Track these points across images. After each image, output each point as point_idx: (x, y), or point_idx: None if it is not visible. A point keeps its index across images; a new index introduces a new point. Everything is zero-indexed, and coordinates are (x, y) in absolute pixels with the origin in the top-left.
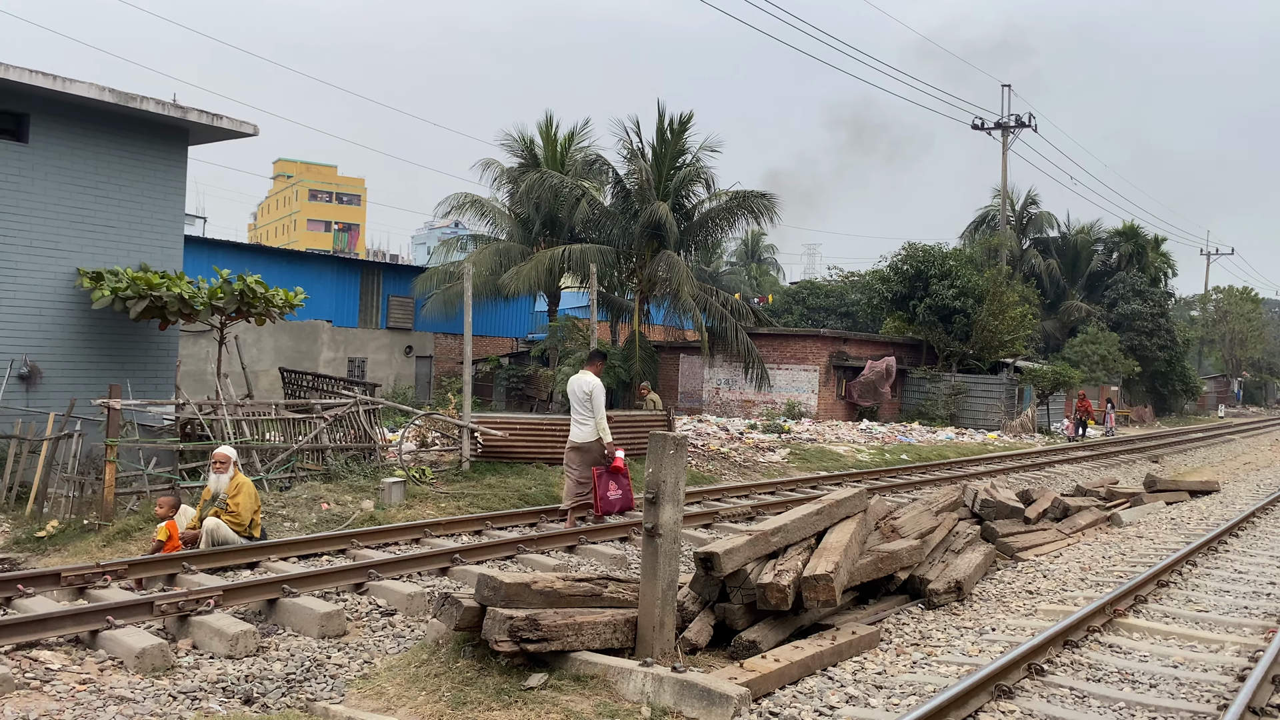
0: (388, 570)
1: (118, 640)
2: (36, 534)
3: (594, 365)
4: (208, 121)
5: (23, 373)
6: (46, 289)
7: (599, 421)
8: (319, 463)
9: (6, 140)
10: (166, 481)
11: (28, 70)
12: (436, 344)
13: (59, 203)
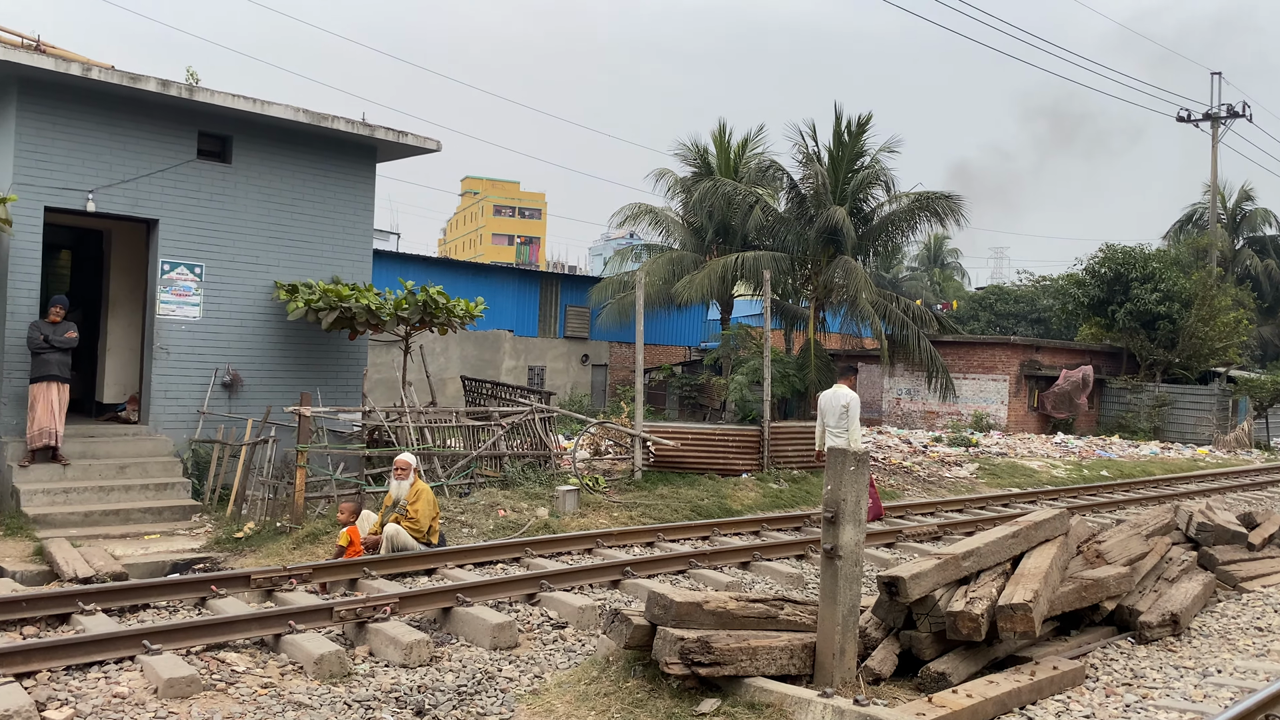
0: (560, 581)
1: (298, 645)
2: (235, 535)
3: (847, 380)
4: (394, 139)
5: (225, 381)
6: (248, 301)
7: (853, 433)
8: (497, 469)
9: (212, 161)
10: (353, 486)
11: (230, 95)
12: (611, 352)
13: (259, 219)
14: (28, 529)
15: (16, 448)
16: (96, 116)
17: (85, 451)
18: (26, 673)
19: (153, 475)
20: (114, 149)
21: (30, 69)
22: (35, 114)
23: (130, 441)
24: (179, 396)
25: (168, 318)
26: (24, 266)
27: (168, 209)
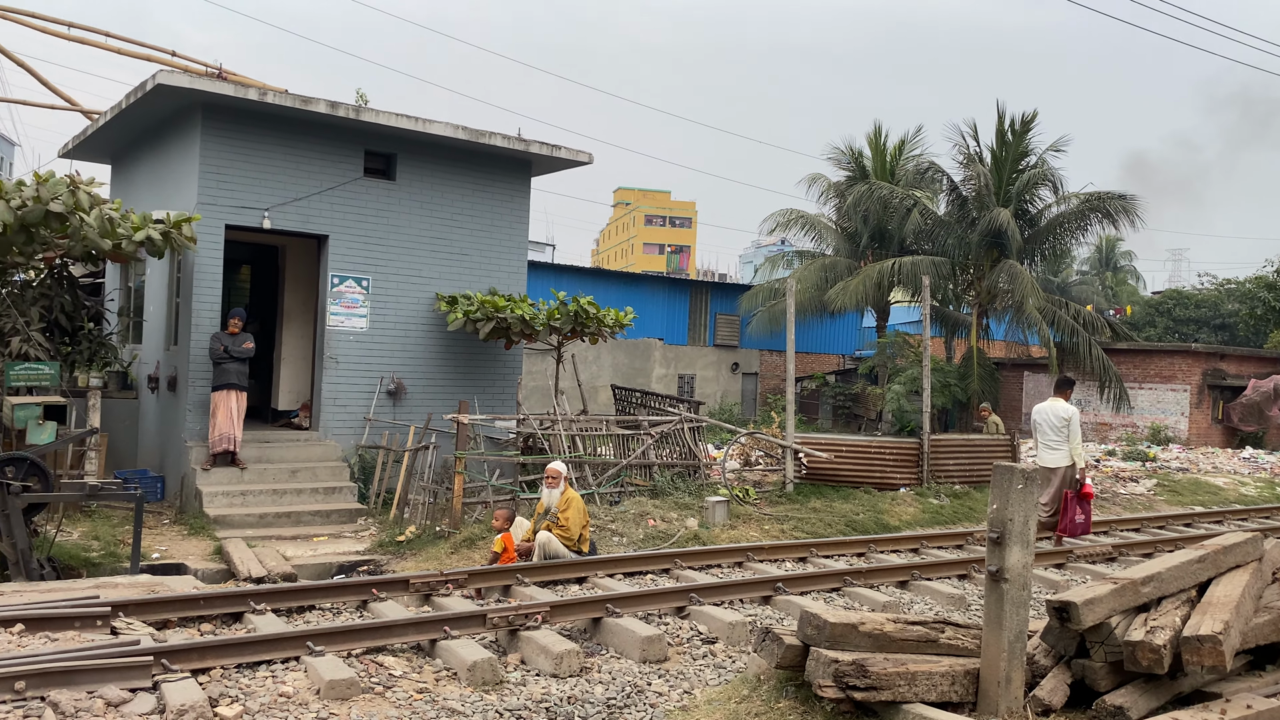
0: (709, 595)
1: (453, 651)
2: (397, 538)
3: (1063, 392)
4: (547, 152)
5: (390, 389)
6: (411, 312)
7: (1074, 446)
8: (646, 479)
9: (377, 179)
10: (508, 493)
11: (394, 114)
12: (762, 361)
13: (421, 233)
14: (209, 529)
15: (200, 452)
16: (272, 138)
17: (261, 456)
18: (201, 669)
19: (322, 479)
20: (288, 169)
21: (212, 95)
22: (217, 137)
23: (302, 446)
24: (347, 404)
25: (337, 329)
26: (206, 281)
27: (337, 225)
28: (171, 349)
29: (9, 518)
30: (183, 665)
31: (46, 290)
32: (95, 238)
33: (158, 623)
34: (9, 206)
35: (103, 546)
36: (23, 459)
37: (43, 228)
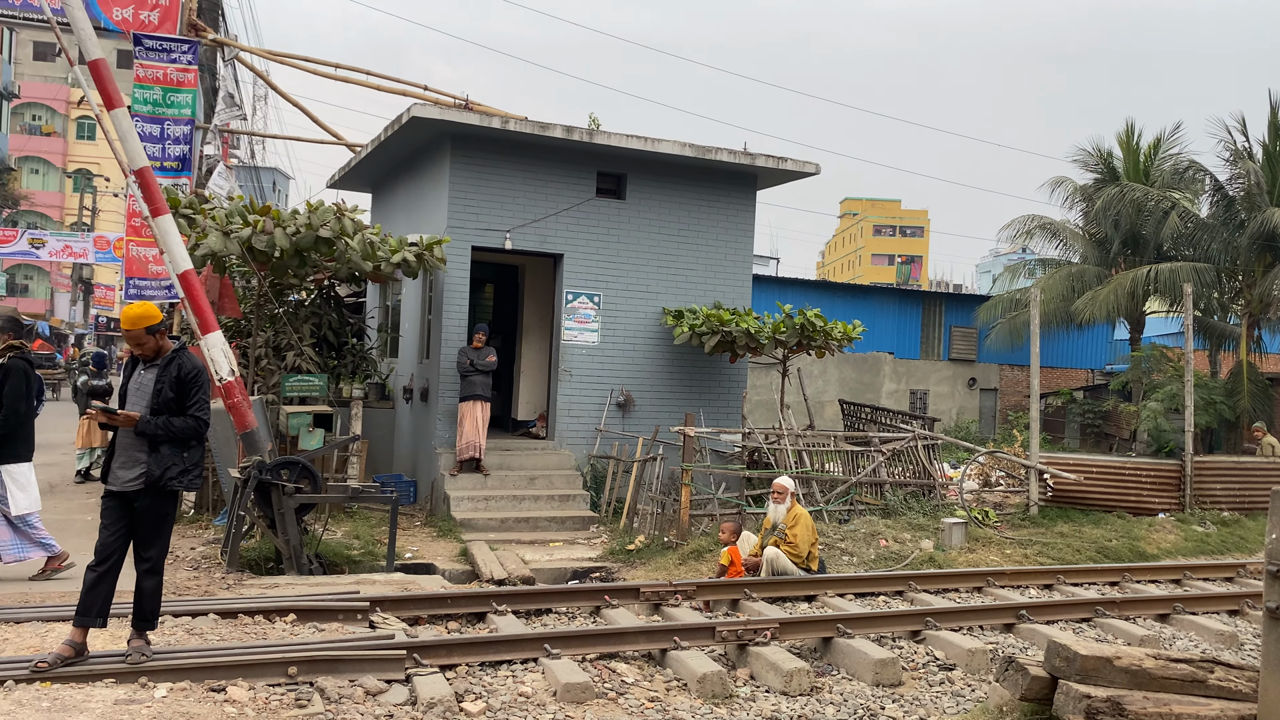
0: (946, 619)
1: (683, 662)
2: (627, 547)
3: None
4: (773, 165)
5: (619, 401)
6: (639, 327)
7: None
8: (877, 497)
9: (609, 198)
10: (734, 506)
11: (625, 135)
12: (1001, 375)
13: (649, 250)
14: (455, 531)
15: (448, 458)
16: (512, 163)
17: (502, 464)
18: (449, 665)
19: (557, 487)
20: (527, 192)
21: (460, 125)
22: (464, 165)
23: (538, 455)
24: (580, 415)
25: (571, 343)
26: (454, 300)
27: (571, 244)
28: (424, 362)
29: (283, 516)
30: (432, 661)
31: (316, 309)
32: (358, 260)
33: (410, 619)
34: (286, 234)
35: (362, 545)
36: (295, 463)
37: (314, 252)
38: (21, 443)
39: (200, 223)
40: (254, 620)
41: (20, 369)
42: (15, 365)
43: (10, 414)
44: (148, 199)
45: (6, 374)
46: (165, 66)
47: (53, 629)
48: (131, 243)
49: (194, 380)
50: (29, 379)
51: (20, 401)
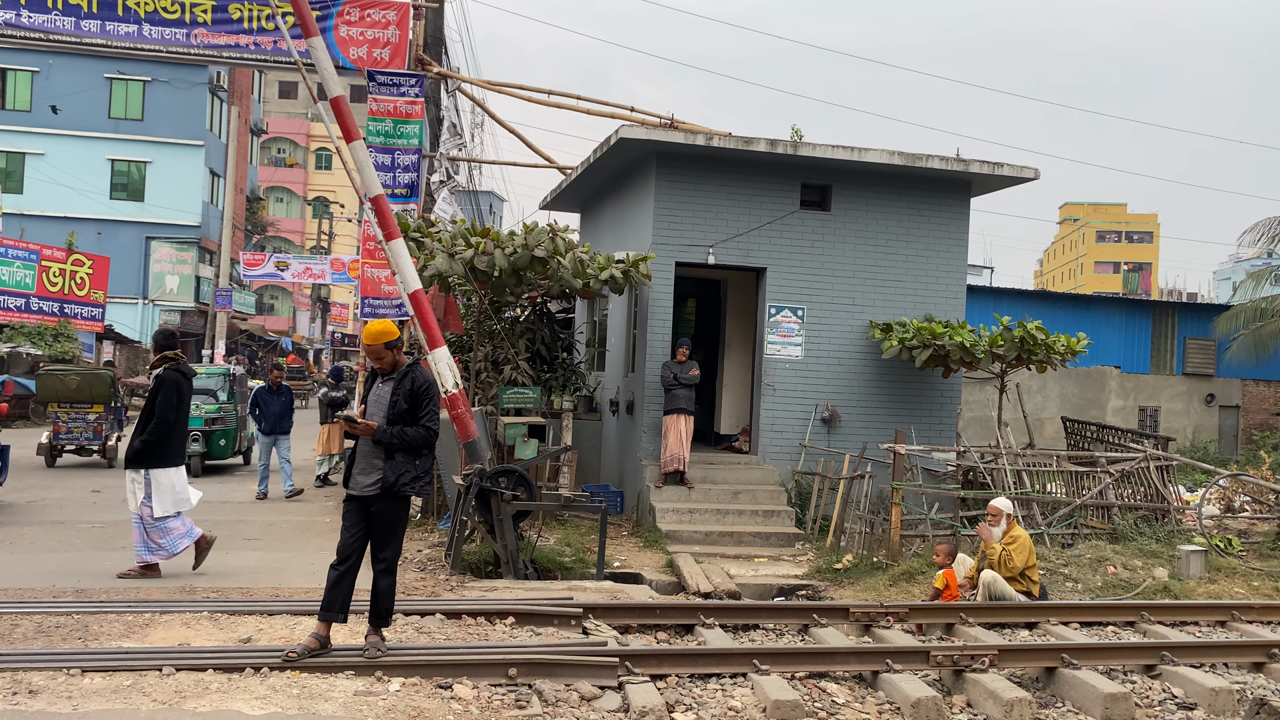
0: (1185, 654)
1: (896, 685)
2: (833, 565)
3: None
4: (988, 171)
5: (824, 416)
6: (844, 341)
7: None
8: (1104, 521)
9: (813, 210)
10: (947, 528)
11: (830, 146)
12: (1244, 392)
13: (854, 262)
14: (661, 542)
15: (653, 470)
16: (716, 179)
17: (705, 477)
18: (659, 675)
19: (760, 502)
20: (730, 207)
21: (666, 144)
22: (668, 182)
23: (742, 470)
24: (783, 430)
25: (774, 357)
26: (659, 315)
27: (774, 257)
28: (629, 376)
29: (502, 522)
30: (644, 670)
31: (530, 325)
32: (569, 278)
33: (620, 626)
34: (505, 254)
35: (573, 552)
36: (512, 471)
37: (529, 271)
38: (169, 449)
39: (428, 245)
40: (476, 622)
41: (173, 381)
42: (169, 377)
43: (160, 423)
44: (382, 224)
45: (160, 385)
46: (395, 100)
47: (300, 622)
48: (366, 264)
49: (425, 393)
50: (180, 391)
51: (170, 411)
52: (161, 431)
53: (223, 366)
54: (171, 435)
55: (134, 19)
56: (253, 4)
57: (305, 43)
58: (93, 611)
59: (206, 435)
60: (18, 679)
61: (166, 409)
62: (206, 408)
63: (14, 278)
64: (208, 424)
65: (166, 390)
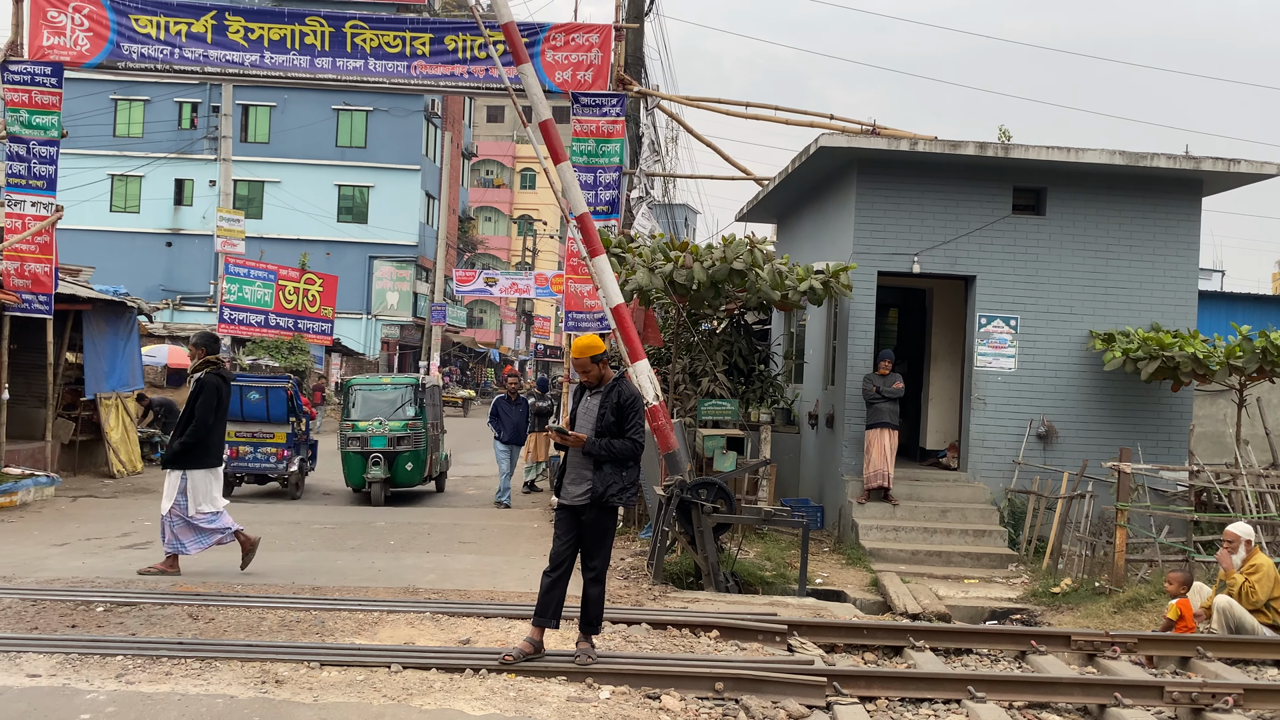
0: None
1: None
2: (1051, 589)
3: None
4: (1222, 169)
5: (1040, 432)
6: (1061, 352)
7: None
8: None
9: (1025, 215)
10: (1179, 553)
11: (1044, 147)
12: None
13: (1072, 268)
14: (864, 560)
15: (855, 486)
16: (920, 185)
17: (910, 494)
18: (868, 697)
19: (970, 521)
20: (935, 213)
21: (867, 151)
22: (870, 190)
23: (950, 487)
24: (995, 446)
25: (984, 369)
26: (860, 326)
27: (983, 265)
28: (829, 388)
29: (702, 534)
30: (852, 690)
31: (727, 337)
32: (767, 290)
33: (826, 645)
34: (703, 267)
35: (774, 567)
36: (712, 483)
37: (727, 283)
38: (207, 451)
39: (629, 260)
40: (681, 633)
41: (213, 385)
42: (209, 381)
43: (199, 425)
44: (586, 241)
45: (201, 389)
46: (597, 120)
47: (514, 625)
48: (570, 280)
49: (632, 406)
50: (219, 394)
51: (210, 414)
52: (200, 434)
53: (409, 376)
54: (210, 437)
55: (361, 54)
56: (467, 35)
57: (515, 69)
58: (328, 608)
59: (390, 458)
60: (265, 669)
61: (206, 412)
62: (391, 425)
63: (255, 296)
64: (391, 444)
65: (206, 394)
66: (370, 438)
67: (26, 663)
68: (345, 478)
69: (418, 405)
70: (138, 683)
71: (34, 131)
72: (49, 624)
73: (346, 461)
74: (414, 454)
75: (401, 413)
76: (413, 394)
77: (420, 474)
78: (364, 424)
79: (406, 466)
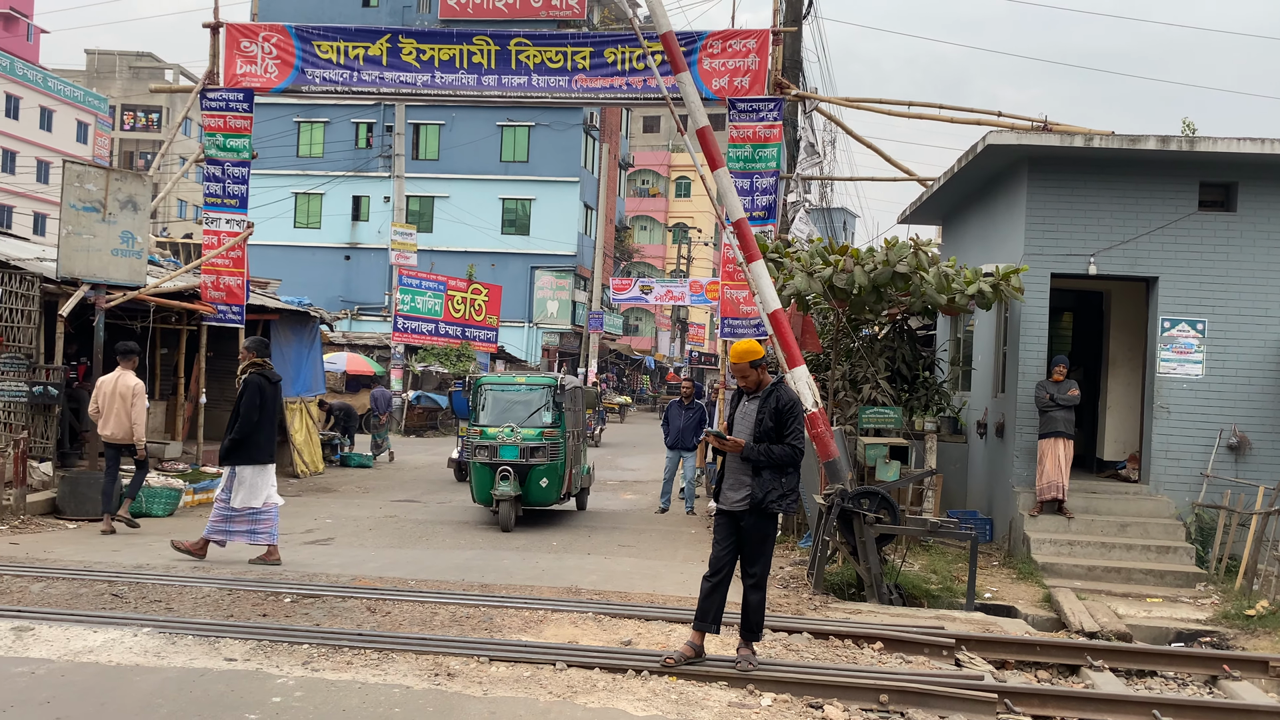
0: None
1: None
2: (1244, 611)
3: None
4: None
5: (1231, 443)
6: (1254, 357)
7: None
8: None
9: (1214, 211)
10: None
11: (1234, 139)
12: None
13: (1266, 268)
14: (1035, 575)
15: (1026, 497)
16: (1096, 183)
17: (1086, 507)
18: (1041, 716)
19: (1152, 536)
20: (1113, 212)
21: (1038, 148)
22: (1042, 188)
23: (1130, 500)
24: (1180, 457)
25: (1168, 376)
26: (1032, 331)
27: (1167, 265)
28: (998, 396)
29: (864, 545)
30: (1025, 709)
31: (890, 343)
32: (933, 294)
33: (996, 661)
34: (864, 271)
35: (939, 580)
36: (875, 493)
37: (890, 287)
38: (254, 448)
39: (786, 265)
40: (843, 644)
41: (256, 384)
42: (253, 380)
43: (244, 422)
44: (743, 247)
45: (245, 388)
46: (754, 125)
47: (674, 629)
48: (725, 286)
49: (790, 411)
50: (263, 393)
51: (254, 412)
52: (246, 430)
53: (546, 375)
54: (256, 434)
55: (525, 71)
56: (625, 47)
57: (674, 78)
58: (495, 605)
59: (521, 472)
60: (438, 662)
61: (250, 410)
62: (524, 433)
63: (426, 306)
64: (524, 456)
65: (250, 393)
66: (499, 447)
67: (225, 647)
68: (472, 493)
69: (556, 410)
70: (322, 670)
71: (228, 154)
72: (242, 612)
73: (474, 474)
74: (550, 468)
75: (537, 418)
76: (550, 396)
77: (557, 491)
78: (493, 430)
79: (541, 482)
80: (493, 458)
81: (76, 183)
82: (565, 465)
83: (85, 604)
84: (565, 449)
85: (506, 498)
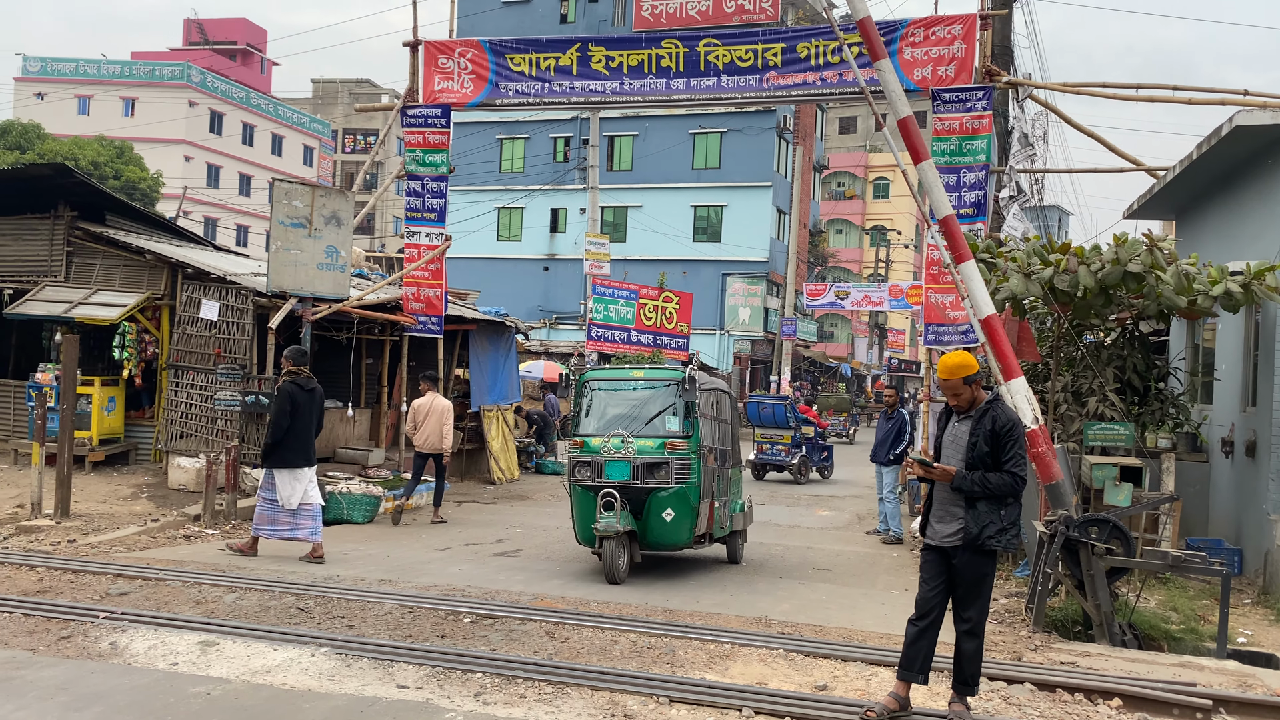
0: None
1: None
2: None
3: None
4: None
5: None
6: None
7: None
8: None
9: None
10: None
11: None
12: None
13: None
14: None
15: None
16: None
17: None
18: None
19: None
20: None
21: None
22: None
23: None
24: None
25: None
26: None
27: None
28: (1248, 410)
29: (1093, 578)
30: None
31: (1118, 350)
32: (1171, 295)
33: None
34: (1090, 270)
35: (1180, 620)
36: (1105, 520)
37: (1119, 289)
38: (286, 451)
39: (1000, 266)
40: (1074, 698)
41: (286, 392)
42: (284, 388)
43: (274, 428)
44: (951, 246)
45: (276, 395)
46: (960, 116)
47: (875, 673)
48: (929, 289)
49: (1009, 434)
50: (294, 400)
51: (283, 418)
52: (275, 435)
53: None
54: (288, 439)
55: (714, 72)
56: (819, 40)
57: (872, 69)
58: (679, 635)
59: (634, 498)
60: (615, 700)
61: (280, 415)
62: (638, 444)
63: (619, 314)
64: (636, 476)
65: (280, 399)
66: (604, 464)
67: (398, 673)
68: (574, 529)
69: (687, 416)
70: (494, 704)
71: (427, 169)
72: (421, 632)
73: (574, 503)
74: (678, 495)
75: (657, 426)
76: (675, 396)
77: (689, 529)
78: (596, 442)
79: (664, 515)
80: (596, 478)
81: (285, 200)
82: (700, 494)
83: (272, 617)
84: (699, 470)
85: (613, 534)
